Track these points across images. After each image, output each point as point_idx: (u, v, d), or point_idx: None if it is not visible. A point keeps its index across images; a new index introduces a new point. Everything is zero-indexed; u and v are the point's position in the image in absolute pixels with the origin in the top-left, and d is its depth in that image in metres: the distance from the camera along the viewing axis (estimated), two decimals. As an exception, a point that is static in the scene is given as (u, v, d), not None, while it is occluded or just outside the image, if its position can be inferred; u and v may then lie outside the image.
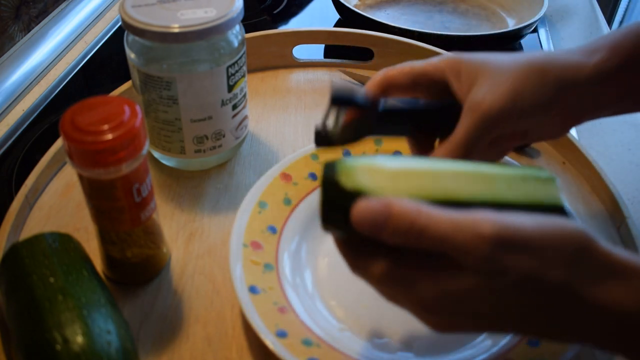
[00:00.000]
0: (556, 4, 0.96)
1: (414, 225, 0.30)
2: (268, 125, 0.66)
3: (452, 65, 0.43)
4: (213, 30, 0.49)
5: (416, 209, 0.31)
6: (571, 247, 0.31)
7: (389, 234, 0.31)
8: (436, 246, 0.31)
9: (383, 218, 0.31)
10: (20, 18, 0.77)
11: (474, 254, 0.30)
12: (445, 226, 0.30)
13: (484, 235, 0.30)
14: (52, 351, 0.36)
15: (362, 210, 0.31)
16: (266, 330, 0.42)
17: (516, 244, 0.30)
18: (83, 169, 0.40)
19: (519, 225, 0.30)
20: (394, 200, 0.31)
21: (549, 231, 0.31)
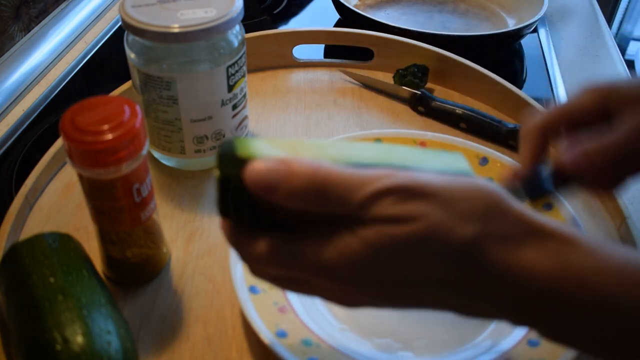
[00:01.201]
0: (556, 4, 0.96)
1: (313, 180, 0.28)
2: (268, 125, 0.66)
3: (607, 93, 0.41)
4: (213, 30, 0.49)
5: (316, 165, 0.28)
6: (482, 203, 0.29)
7: (285, 192, 0.28)
8: (338, 203, 0.28)
9: (278, 174, 0.28)
10: (20, 18, 0.77)
11: (378, 203, 0.28)
12: (345, 180, 0.28)
13: (387, 185, 0.28)
14: (52, 351, 0.36)
15: (256, 168, 0.28)
16: (266, 330, 0.42)
17: (423, 192, 0.28)
18: (83, 169, 0.40)
19: (427, 178, 0.29)
20: (290, 158, 0.29)
21: (459, 186, 0.29)
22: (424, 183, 0.29)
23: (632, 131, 0.38)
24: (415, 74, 0.70)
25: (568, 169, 0.40)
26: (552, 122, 0.42)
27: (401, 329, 0.46)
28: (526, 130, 0.43)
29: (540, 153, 0.42)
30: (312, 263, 0.30)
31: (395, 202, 0.28)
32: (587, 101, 0.41)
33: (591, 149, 0.39)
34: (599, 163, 0.39)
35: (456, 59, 0.70)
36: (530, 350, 0.42)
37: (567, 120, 0.42)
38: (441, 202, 0.28)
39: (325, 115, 0.68)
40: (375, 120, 0.67)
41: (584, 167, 0.39)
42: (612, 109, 0.40)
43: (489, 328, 0.46)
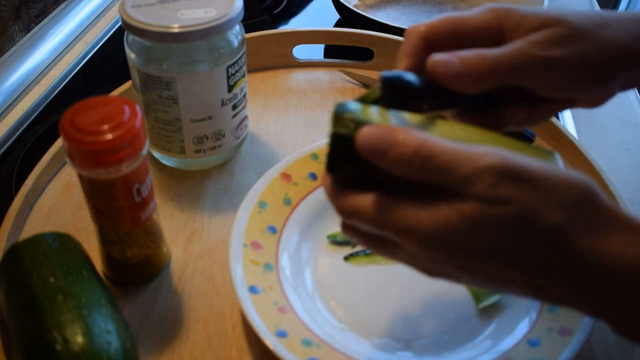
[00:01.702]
0: (556, 4, 0.96)
1: (419, 152, 0.29)
2: (268, 125, 0.66)
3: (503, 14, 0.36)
4: (213, 30, 0.49)
5: (422, 137, 0.30)
6: (576, 193, 0.30)
7: (393, 159, 0.30)
8: (441, 175, 0.30)
9: (387, 142, 0.30)
10: (20, 18, 0.77)
11: (479, 181, 0.29)
12: (450, 155, 0.29)
13: (490, 164, 0.29)
14: (52, 351, 0.36)
15: (367, 134, 0.30)
16: (266, 330, 0.42)
17: (522, 176, 0.29)
18: (83, 169, 0.40)
19: (527, 162, 0.30)
20: (401, 127, 0.30)
21: (555, 174, 0.30)
22: (524, 166, 0.29)
23: (519, 55, 0.34)
24: (415, 74, 0.70)
25: (439, 71, 0.34)
26: (438, 30, 0.37)
27: (401, 329, 0.46)
28: (408, 36, 0.38)
29: (419, 57, 0.37)
30: (407, 225, 0.31)
31: (496, 182, 0.29)
32: (481, 17, 0.37)
33: (469, 55, 0.34)
34: (475, 70, 0.34)
35: (456, 59, 0.70)
36: (530, 350, 0.42)
37: (455, 30, 0.37)
38: (538, 187, 0.29)
39: (325, 115, 0.68)
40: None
41: (456, 69, 0.34)
42: (506, 31, 0.36)
43: (489, 328, 0.46)
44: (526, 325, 0.45)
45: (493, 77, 0.35)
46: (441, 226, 0.30)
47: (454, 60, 0.34)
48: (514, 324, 0.45)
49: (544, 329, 0.44)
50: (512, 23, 0.36)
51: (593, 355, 0.45)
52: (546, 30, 0.35)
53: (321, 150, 0.56)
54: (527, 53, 0.34)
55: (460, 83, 0.34)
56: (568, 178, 0.30)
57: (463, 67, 0.34)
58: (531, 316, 0.45)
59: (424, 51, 0.37)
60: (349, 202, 0.33)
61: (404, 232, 0.31)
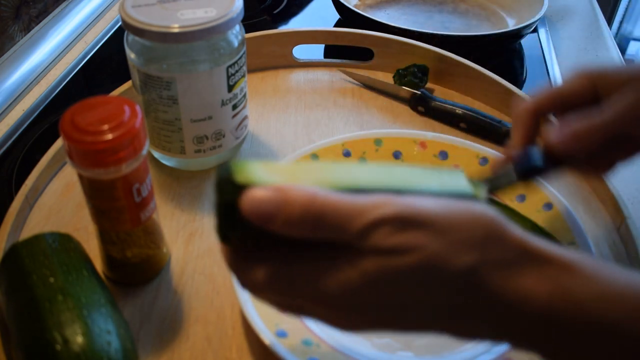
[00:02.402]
0: (556, 4, 0.96)
1: (309, 210, 0.28)
2: (268, 125, 0.66)
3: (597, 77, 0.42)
4: (213, 30, 0.49)
5: (312, 194, 0.28)
6: (480, 231, 0.29)
7: (282, 221, 0.28)
8: (335, 232, 0.28)
9: (275, 204, 0.28)
10: (20, 18, 0.77)
11: (375, 234, 0.28)
12: (343, 209, 0.28)
13: (384, 215, 0.28)
14: (52, 351, 0.36)
15: (252, 197, 0.28)
16: (266, 330, 0.42)
17: (420, 222, 0.28)
18: (83, 169, 0.40)
19: (423, 205, 0.29)
20: (287, 186, 0.29)
21: (456, 214, 0.29)
22: (421, 211, 0.28)
23: (620, 112, 0.39)
24: (415, 74, 0.70)
25: (556, 149, 0.40)
26: (543, 104, 0.43)
27: (401, 329, 0.46)
28: (518, 113, 0.43)
29: (532, 135, 0.43)
30: (310, 291, 0.30)
31: (392, 232, 0.28)
32: (578, 85, 0.42)
33: (579, 128, 0.40)
34: (587, 142, 0.39)
35: (456, 59, 0.70)
36: (530, 350, 0.42)
37: (558, 102, 0.43)
38: (439, 232, 0.28)
39: (325, 115, 0.68)
40: (375, 120, 0.67)
41: (572, 146, 0.40)
42: (602, 92, 0.41)
43: (489, 328, 0.46)
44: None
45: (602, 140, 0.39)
46: (344, 288, 0.29)
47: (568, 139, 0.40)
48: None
49: None
50: (606, 85, 0.41)
51: (593, 355, 0.45)
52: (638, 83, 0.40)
53: (321, 150, 0.56)
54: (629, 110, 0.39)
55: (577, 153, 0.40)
56: (471, 215, 0.29)
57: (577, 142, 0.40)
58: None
59: (534, 123, 0.43)
60: (249, 274, 0.31)
61: (309, 298, 0.30)
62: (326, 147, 0.57)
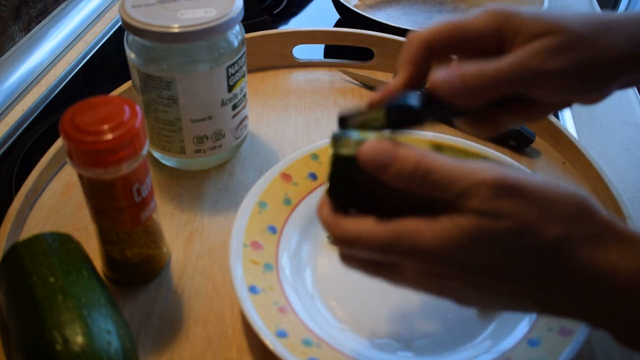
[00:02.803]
0: (556, 4, 0.96)
1: (419, 166, 0.31)
2: (268, 125, 0.66)
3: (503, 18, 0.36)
4: (213, 30, 0.49)
5: (422, 152, 0.31)
6: (573, 206, 0.30)
7: (395, 172, 0.31)
8: (439, 188, 0.30)
9: (389, 156, 0.31)
10: (20, 18, 0.77)
11: (476, 195, 0.30)
12: (449, 169, 0.30)
13: (487, 178, 0.30)
14: (52, 351, 0.36)
15: (369, 148, 0.32)
16: (266, 330, 0.42)
17: (519, 191, 0.30)
18: (83, 169, 0.40)
19: (524, 177, 0.30)
20: (401, 144, 0.32)
21: (552, 189, 0.30)
22: (521, 181, 0.30)
23: (520, 65, 0.34)
24: (415, 74, 0.70)
25: (439, 88, 0.35)
26: (438, 36, 0.36)
27: (401, 329, 0.46)
28: (409, 42, 0.37)
29: (421, 72, 0.37)
30: (408, 243, 0.31)
31: (492, 196, 0.30)
32: (482, 22, 0.36)
33: (468, 71, 0.34)
34: (475, 88, 0.34)
35: (456, 59, 0.70)
36: (530, 350, 0.42)
37: (456, 36, 0.37)
38: (535, 202, 0.30)
39: (325, 115, 0.68)
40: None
41: (457, 90, 0.34)
42: (506, 37, 0.36)
43: (489, 328, 0.46)
44: (526, 325, 0.45)
45: (493, 91, 0.35)
46: (443, 241, 0.30)
47: (454, 79, 0.34)
48: (514, 324, 0.45)
49: (544, 329, 0.44)
50: (512, 29, 0.35)
51: (593, 355, 0.45)
52: (546, 39, 0.34)
53: (321, 150, 0.56)
54: (527, 65, 0.34)
55: (461, 99, 0.35)
56: (565, 192, 0.31)
57: (463, 85, 0.34)
58: (531, 316, 0.45)
59: (425, 57, 0.37)
60: (347, 229, 0.33)
61: (407, 251, 0.31)
62: (326, 147, 0.57)
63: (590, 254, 0.30)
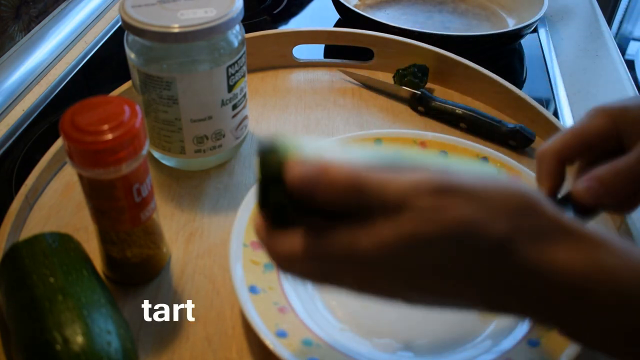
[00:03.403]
0: (556, 4, 0.96)
1: (353, 178, 0.29)
2: (268, 125, 0.66)
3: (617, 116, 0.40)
4: (213, 30, 0.49)
5: (351, 168, 0.30)
6: (515, 202, 0.29)
7: (325, 189, 0.29)
8: (375, 197, 0.29)
9: (319, 172, 0.29)
10: (20, 18, 0.77)
11: (414, 196, 0.28)
12: (384, 176, 0.29)
13: (422, 179, 0.29)
14: (52, 351, 0.36)
15: (297, 167, 0.30)
16: (266, 330, 0.42)
17: (458, 189, 0.29)
18: (83, 169, 0.40)
19: (463, 177, 0.30)
20: (330, 158, 0.30)
21: (492, 185, 0.30)
22: (458, 180, 0.29)
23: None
24: (415, 74, 0.70)
25: (584, 198, 0.39)
26: (567, 146, 0.40)
27: (401, 329, 0.46)
28: (542, 157, 0.41)
29: (559, 181, 0.41)
30: (345, 250, 0.30)
31: (431, 195, 0.29)
32: (599, 124, 0.40)
33: (604, 174, 0.38)
34: (614, 186, 0.38)
35: (456, 59, 0.70)
36: (530, 350, 0.42)
37: (581, 144, 0.40)
38: (476, 199, 0.29)
39: (325, 115, 0.68)
40: (375, 120, 0.67)
41: (599, 193, 0.38)
42: (623, 130, 0.39)
43: (489, 328, 0.46)
44: (526, 325, 0.45)
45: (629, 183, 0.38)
46: (381, 246, 0.29)
47: (593, 184, 0.38)
48: (514, 324, 0.45)
49: (544, 328, 0.44)
50: (628, 123, 0.39)
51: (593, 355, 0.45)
52: None
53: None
54: None
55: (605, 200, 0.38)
56: (507, 188, 0.30)
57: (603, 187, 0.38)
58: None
59: (560, 169, 0.41)
60: (282, 244, 0.32)
61: (343, 259, 0.30)
62: (326, 147, 0.57)
63: (537, 252, 0.29)
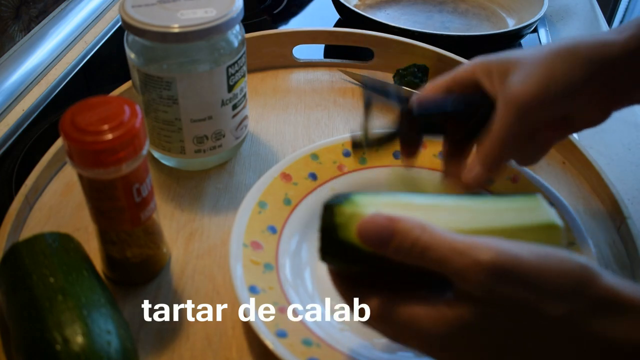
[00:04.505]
0: (556, 4, 0.96)
1: (418, 241, 0.31)
2: (268, 125, 0.66)
3: (482, 67, 0.43)
4: (213, 30, 0.49)
5: (420, 226, 0.31)
6: (572, 281, 0.30)
7: (393, 248, 0.31)
8: (436, 266, 0.31)
9: (388, 232, 0.31)
10: (20, 18, 0.77)
11: (471, 279, 0.29)
12: (446, 247, 0.30)
13: (481, 261, 0.29)
14: (52, 351, 0.36)
15: (368, 224, 0.31)
16: (266, 330, 0.42)
17: (513, 273, 0.29)
18: (83, 169, 0.40)
19: (518, 254, 0.30)
20: (399, 217, 0.32)
21: (548, 263, 0.30)
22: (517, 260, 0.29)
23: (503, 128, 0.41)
24: (415, 74, 0.70)
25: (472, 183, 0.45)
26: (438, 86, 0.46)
27: (401, 329, 0.46)
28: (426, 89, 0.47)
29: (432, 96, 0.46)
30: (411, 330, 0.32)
31: (488, 282, 0.29)
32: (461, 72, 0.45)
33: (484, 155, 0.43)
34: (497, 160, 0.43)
35: (456, 59, 0.70)
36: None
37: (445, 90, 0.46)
38: (532, 284, 0.29)
39: (325, 115, 0.68)
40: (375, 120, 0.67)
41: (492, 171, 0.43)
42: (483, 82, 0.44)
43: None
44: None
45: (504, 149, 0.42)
46: (441, 329, 0.31)
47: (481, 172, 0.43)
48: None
49: None
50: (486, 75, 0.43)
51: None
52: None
53: (321, 150, 0.56)
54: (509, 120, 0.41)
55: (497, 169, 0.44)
56: (562, 264, 0.30)
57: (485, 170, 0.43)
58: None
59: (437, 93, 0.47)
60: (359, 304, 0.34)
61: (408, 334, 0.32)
62: (326, 147, 0.57)
63: (598, 328, 0.30)
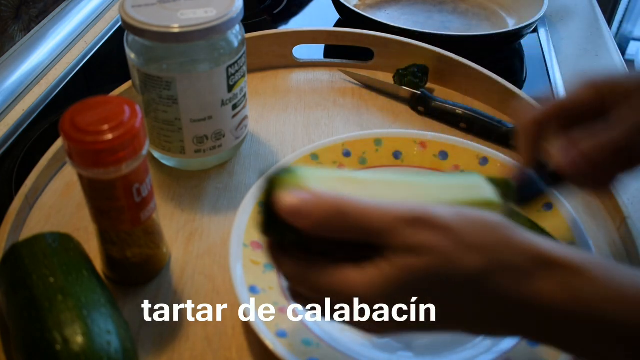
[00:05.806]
0: (556, 4, 0.96)
1: (337, 211, 0.31)
2: (268, 125, 0.66)
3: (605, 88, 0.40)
4: (213, 30, 0.49)
5: (339, 197, 0.32)
6: (490, 235, 0.31)
7: (313, 221, 0.32)
8: (358, 232, 0.31)
9: (307, 205, 0.32)
10: (20, 18, 0.77)
11: (392, 233, 0.31)
12: (366, 211, 0.31)
13: (402, 215, 0.31)
14: (52, 351, 0.36)
15: (288, 199, 0.32)
16: (266, 330, 0.42)
17: (433, 224, 0.31)
18: (83, 169, 0.40)
19: (437, 210, 0.31)
20: (318, 190, 0.32)
21: (467, 218, 0.31)
22: (434, 214, 0.31)
23: (630, 128, 0.38)
24: (415, 74, 0.70)
25: (566, 171, 0.39)
26: (549, 116, 0.41)
27: (401, 329, 0.46)
28: (523, 125, 0.42)
29: (538, 148, 0.42)
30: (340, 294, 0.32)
31: (409, 232, 0.31)
32: (584, 96, 0.40)
33: (589, 149, 0.38)
34: (598, 162, 0.38)
35: (456, 59, 0.70)
36: (530, 350, 0.42)
37: (564, 115, 0.41)
38: (450, 234, 0.31)
39: (325, 115, 0.68)
40: (375, 120, 0.67)
41: (583, 168, 0.38)
42: (609, 103, 0.39)
43: (489, 328, 0.46)
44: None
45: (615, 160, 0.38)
46: (372, 288, 0.31)
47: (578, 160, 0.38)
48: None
49: None
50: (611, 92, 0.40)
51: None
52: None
53: (321, 150, 0.56)
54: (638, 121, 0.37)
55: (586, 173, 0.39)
56: (480, 220, 0.32)
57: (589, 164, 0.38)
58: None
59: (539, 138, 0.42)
60: (280, 267, 0.35)
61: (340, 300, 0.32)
62: (326, 147, 0.57)
63: (514, 286, 0.30)
